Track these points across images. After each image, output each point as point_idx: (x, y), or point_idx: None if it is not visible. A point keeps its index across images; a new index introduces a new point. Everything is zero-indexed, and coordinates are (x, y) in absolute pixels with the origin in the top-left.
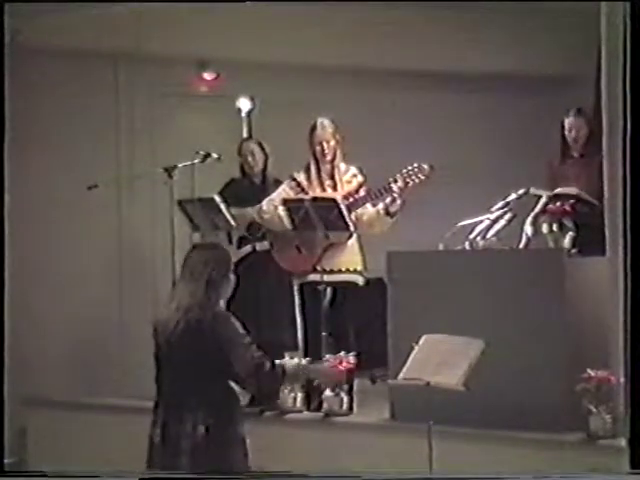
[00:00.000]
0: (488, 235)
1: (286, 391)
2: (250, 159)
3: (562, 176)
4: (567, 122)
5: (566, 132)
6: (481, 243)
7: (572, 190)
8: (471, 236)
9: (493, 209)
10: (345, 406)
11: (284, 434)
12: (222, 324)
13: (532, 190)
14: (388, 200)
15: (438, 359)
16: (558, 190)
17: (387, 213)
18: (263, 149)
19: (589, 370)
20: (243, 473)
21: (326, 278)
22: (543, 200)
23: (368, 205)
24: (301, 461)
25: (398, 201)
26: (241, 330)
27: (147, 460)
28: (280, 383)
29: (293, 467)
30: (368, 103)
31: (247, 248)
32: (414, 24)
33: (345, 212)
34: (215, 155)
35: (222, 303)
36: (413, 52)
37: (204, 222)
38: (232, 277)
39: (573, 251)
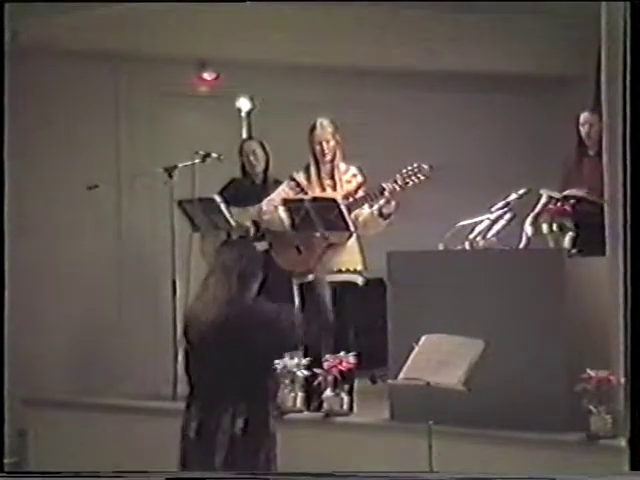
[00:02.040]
0: (488, 235)
1: (286, 391)
2: (252, 158)
3: (576, 175)
4: (582, 116)
5: (579, 126)
6: (481, 243)
7: (579, 192)
8: (471, 236)
9: (493, 209)
10: (345, 406)
11: (284, 434)
12: (257, 314)
13: (541, 191)
14: (382, 201)
15: (438, 359)
16: (567, 192)
17: (380, 214)
18: (264, 149)
19: (589, 370)
20: (258, 473)
21: (326, 278)
22: (543, 200)
23: (365, 206)
24: (301, 461)
25: (392, 203)
26: (273, 305)
27: (180, 456)
28: (328, 322)
29: (293, 467)
30: (368, 103)
31: None
32: (414, 24)
33: (345, 212)
34: (215, 155)
35: (253, 293)
36: (413, 52)
37: (204, 222)
38: (260, 275)
39: (573, 251)
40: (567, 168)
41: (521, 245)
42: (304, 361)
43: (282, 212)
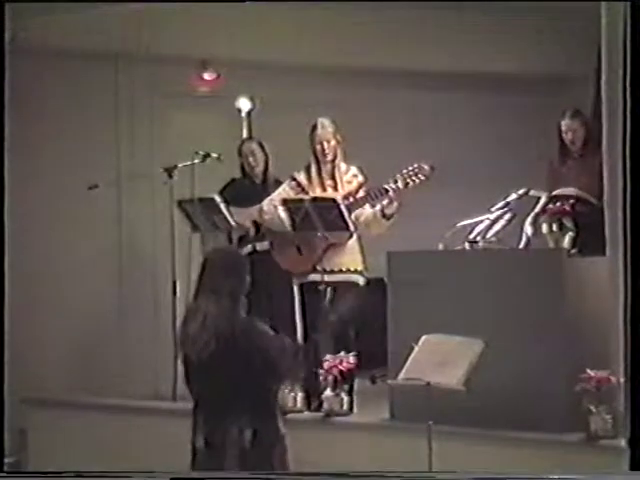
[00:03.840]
0: (488, 235)
1: (286, 391)
2: (251, 159)
3: (563, 177)
4: (563, 124)
5: (563, 134)
6: (481, 243)
7: (571, 191)
8: (471, 236)
9: (493, 209)
10: (345, 406)
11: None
12: (251, 332)
13: (532, 192)
14: (385, 202)
15: (438, 359)
16: (557, 191)
17: (383, 215)
18: (263, 149)
19: (589, 370)
20: (261, 473)
21: (326, 278)
22: (543, 200)
23: (367, 206)
24: (301, 461)
25: (394, 203)
26: (270, 332)
27: (191, 466)
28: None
29: (293, 467)
30: (368, 103)
31: (247, 248)
32: (414, 24)
33: (345, 212)
34: (215, 155)
35: (243, 303)
36: (413, 52)
37: (204, 222)
38: (248, 278)
39: (573, 251)
40: (553, 169)
41: (521, 245)
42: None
43: (282, 212)
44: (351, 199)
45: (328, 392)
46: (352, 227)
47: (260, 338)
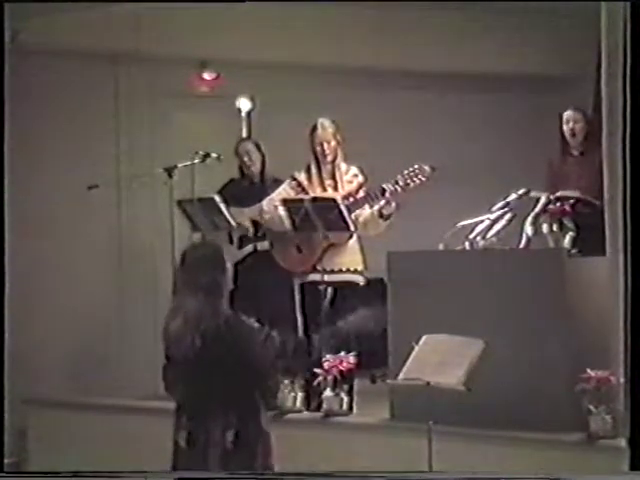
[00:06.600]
0: (488, 235)
1: (286, 391)
2: (246, 159)
3: (563, 175)
4: (565, 115)
5: (564, 125)
6: (481, 243)
7: (573, 193)
8: (471, 236)
9: (493, 209)
10: (345, 406)
11: (284, 434)
12: (236, 327)
13: (533, 193)
14: (382, 202)
15: (438, 359)
16: (559, 193)
17: (381, 215)
18: (259, 149)
19: (589, 370)
20: (255, 473)
21: (327, 278)
22: (543, 200)
23: (366, 206)
24: (301, 461)
25: (392, 204)
26: (256, 325)
27: (172, 464)
28: (307, 355)
29: (293, 467)
30: (368, 103)
31: (248, 248)
32: (414, 24)
33: (345, 212)
34: (215, 155)
35: (226, 297)
36: (413, 52)
37: (204, 222)
38: (229, 267)
39: (573, 251)
40: (552, 169)
41: (521, 245)
42: None
43: (282, 212)
44: (351, 199)
45: (328, 392)
46: (352, 227)
47: (245, 331)
